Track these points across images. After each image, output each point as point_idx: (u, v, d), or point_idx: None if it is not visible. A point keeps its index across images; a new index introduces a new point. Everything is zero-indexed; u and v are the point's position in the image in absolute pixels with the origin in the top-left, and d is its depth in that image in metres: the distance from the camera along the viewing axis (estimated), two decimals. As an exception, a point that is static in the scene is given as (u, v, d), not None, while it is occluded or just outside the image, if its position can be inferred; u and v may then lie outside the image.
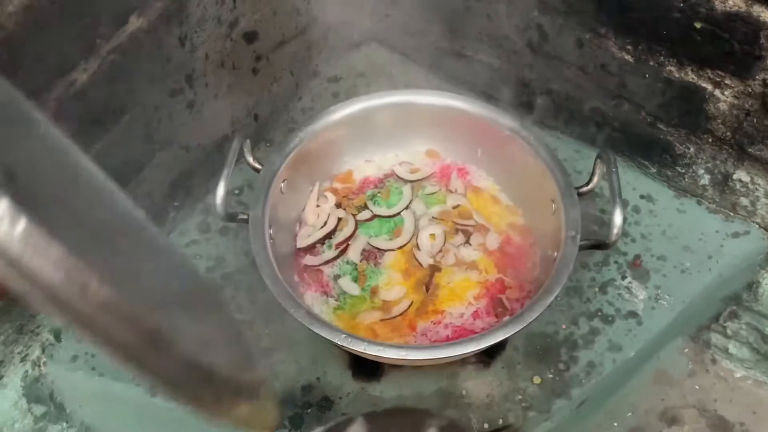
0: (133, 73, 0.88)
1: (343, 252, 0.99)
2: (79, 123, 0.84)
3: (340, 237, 1.00)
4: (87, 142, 0.86)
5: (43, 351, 0.97)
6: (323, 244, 1.01)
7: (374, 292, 0.95)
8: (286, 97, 1.20)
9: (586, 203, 1.10)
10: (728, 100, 0.96)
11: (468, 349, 0.81)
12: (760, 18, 0.87)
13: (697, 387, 1.21)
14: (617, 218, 0.84)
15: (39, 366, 0.97)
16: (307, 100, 1.24)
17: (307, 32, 1.17)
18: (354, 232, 1.01)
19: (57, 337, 0.98)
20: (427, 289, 0.95)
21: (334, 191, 1.06)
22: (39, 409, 1.00)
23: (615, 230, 0.84)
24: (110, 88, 0.86)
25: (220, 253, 1.07)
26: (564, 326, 1.00)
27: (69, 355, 0.97)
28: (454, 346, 0.81)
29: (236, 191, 1.13)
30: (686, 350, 1.24)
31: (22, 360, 0.95)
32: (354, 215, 1.02)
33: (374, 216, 1.03)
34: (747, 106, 0.95)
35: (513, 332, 0.82)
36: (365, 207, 1.04)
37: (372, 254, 0.99)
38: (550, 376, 0.96)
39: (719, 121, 0.99)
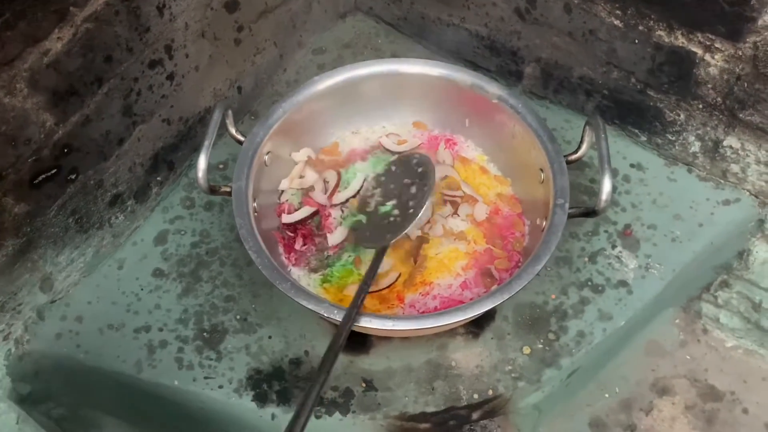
0: (110, 43, 0.86)
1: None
2: (54, 94, 0.82)
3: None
4: (63, 113, 0.84)
5: (26, 329, 0.95)
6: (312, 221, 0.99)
7: (358, 262, 0.94)
8: (269, 69, 1.18)
9: (576, 173, 1.09)
10: (718, 64, 0.94)
11: (455, 319, 0.80)
12: (751, -22, 0.86)
13: (689, 357, 1.21)
14: (606, 184, 0.83)
15: (22, 344, 0.95)
16: (291, 72, 1.22)
17: (291, 2, 1.15)
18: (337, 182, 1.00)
19: (40, 315, 0.96)
20: (415, 261, 0.94)
21: (320, 163, 1.04)
22: (24, 388, 0.99)
23: (604, 197, 0.83)
24: (86, 58, 0.84)
25: (204, 228, 1.06)
26: (553, 296, 0.99)
27: (53, 332, 0.96)
28: (441, 316, 0.80)
29: (220, 165, 1.12)
30: (677, 321, 1.23)
31: (5, 338, 0.93)
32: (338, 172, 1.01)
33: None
34: (737, 70, 0.93)
35: (500, 301, 0.81)
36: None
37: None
38: (540, 346, 0.95)
39: (709, 86, 0.97)
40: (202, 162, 0.86)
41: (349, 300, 0.90)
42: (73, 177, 0.90)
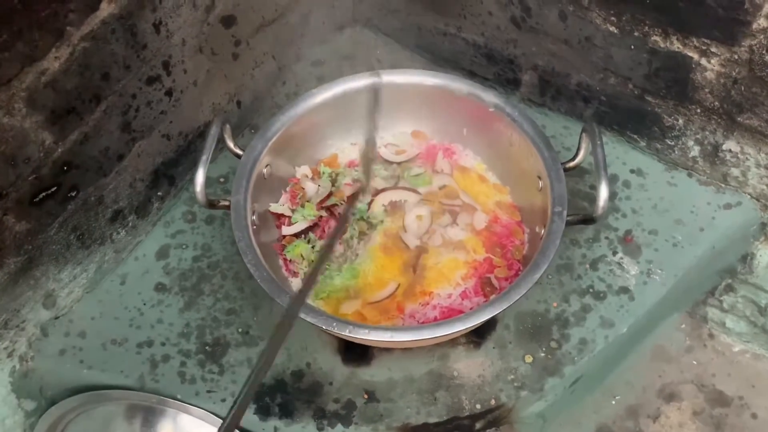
0: (107, 61, 0.87)
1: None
2: (52, 112, 0.82)
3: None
4: (62, 132, 0.85)
5: (30, 345, 0.96)
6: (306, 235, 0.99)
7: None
8: (269, 82, 1.19)
9: (576, 180, 1.09)
10: (715, 68, 0.94)
11: (454, 329, 0.80)
12: (745, -18, 0.85)
13: (695, 362, 1.20)
14: (603, 192, 0.83)
15: (27, 361, 0.96)
16: (291, 85, 1.23)
17: (288, 15, 1.15)
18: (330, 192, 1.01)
19: (43, 331, 0.97)
20: (414, 271, 0.94)
21: (319, 175, 1.04)
22: (29, 405, 0.99)
23: (601, 203, 0.83)
24: (83, 77, 0.84)
25: (206, 241, 1.06)
26: (555, 304, 0.99)
27: (56, 349, 0.97)
28: (440, 327, 0.80)
29: (221, 179, 1.12)
30: (683, 326, 1.23)
31: (9, 355, 0.94)
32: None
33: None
34: (734, 73, 0.93)
35: (499, 310, 0.81)
36: (351, 190, 1.02)
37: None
38: (542, 354, 0.95)
39: (707, 90, 0.97)
40: (200, 177, 0.87)
41: (347, 312, 0.91)
42: (73, 194, 0.91)
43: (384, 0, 1.22)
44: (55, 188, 0.88)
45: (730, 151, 1.01)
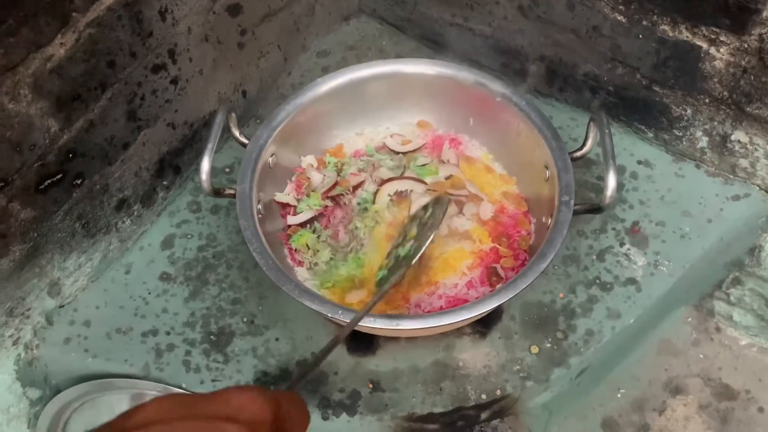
0: (113, 48, 0.87)
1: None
2: (58, 99, 0.82)
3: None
4: (67, 119, 0.85)
5: (35, 334, 0.96)
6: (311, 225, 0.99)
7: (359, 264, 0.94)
8: (274, 72, 1.18)
9: (583, 171, 1.08)
10: (724, 57, 0.93)
11: (460, 318, 0.79)
12: (755, -31, 0.85)
13: (702, 356, 1.20)
14: (611, 180, 0.82)
15: (32, 349, 0.96)
16: (296, 75, 1.22)
17: (294, 5, 1.15)
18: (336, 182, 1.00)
19: (48, 319, 0.97)
20: (420, 261, 0.93)
21: (325, 165, 1.04)
22: (34, 393, 0.99)
23: (609, 192, 0.82)
24: (89, 64, 0.84)
25: (211, 231, 1.06)
26: (561, 295, 0.98)
27: (61, 337, 0.97)
28: (446, 315, 0.80)
29: (226, 169, 1.12)
30: (690, 319, 1.22)
31: (14, 343, 0.94)
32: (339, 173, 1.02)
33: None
34: (744, 63, 0.92)
35: (505, 299, 0.80)
36: (357, 181, 1.02)
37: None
38: (548, 345, 0.95)
39: (715, 80, 0.96)
40: (205, 164, 0.87)
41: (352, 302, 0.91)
42: (78, 182, 0.91)
43: (390, -10, 1.21)
44: (60, 176, 0.87)
45: (738, 141, 1.01)
